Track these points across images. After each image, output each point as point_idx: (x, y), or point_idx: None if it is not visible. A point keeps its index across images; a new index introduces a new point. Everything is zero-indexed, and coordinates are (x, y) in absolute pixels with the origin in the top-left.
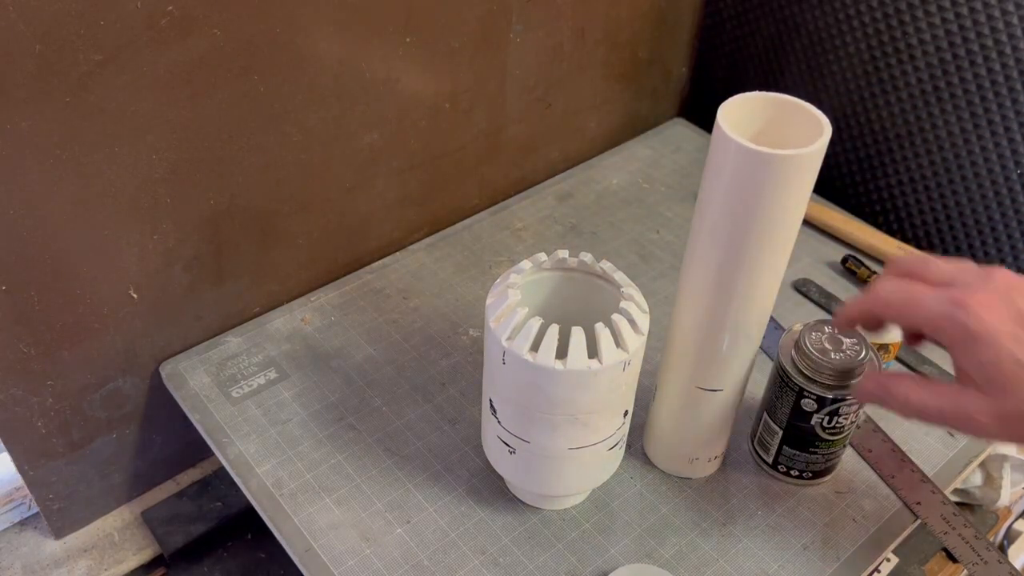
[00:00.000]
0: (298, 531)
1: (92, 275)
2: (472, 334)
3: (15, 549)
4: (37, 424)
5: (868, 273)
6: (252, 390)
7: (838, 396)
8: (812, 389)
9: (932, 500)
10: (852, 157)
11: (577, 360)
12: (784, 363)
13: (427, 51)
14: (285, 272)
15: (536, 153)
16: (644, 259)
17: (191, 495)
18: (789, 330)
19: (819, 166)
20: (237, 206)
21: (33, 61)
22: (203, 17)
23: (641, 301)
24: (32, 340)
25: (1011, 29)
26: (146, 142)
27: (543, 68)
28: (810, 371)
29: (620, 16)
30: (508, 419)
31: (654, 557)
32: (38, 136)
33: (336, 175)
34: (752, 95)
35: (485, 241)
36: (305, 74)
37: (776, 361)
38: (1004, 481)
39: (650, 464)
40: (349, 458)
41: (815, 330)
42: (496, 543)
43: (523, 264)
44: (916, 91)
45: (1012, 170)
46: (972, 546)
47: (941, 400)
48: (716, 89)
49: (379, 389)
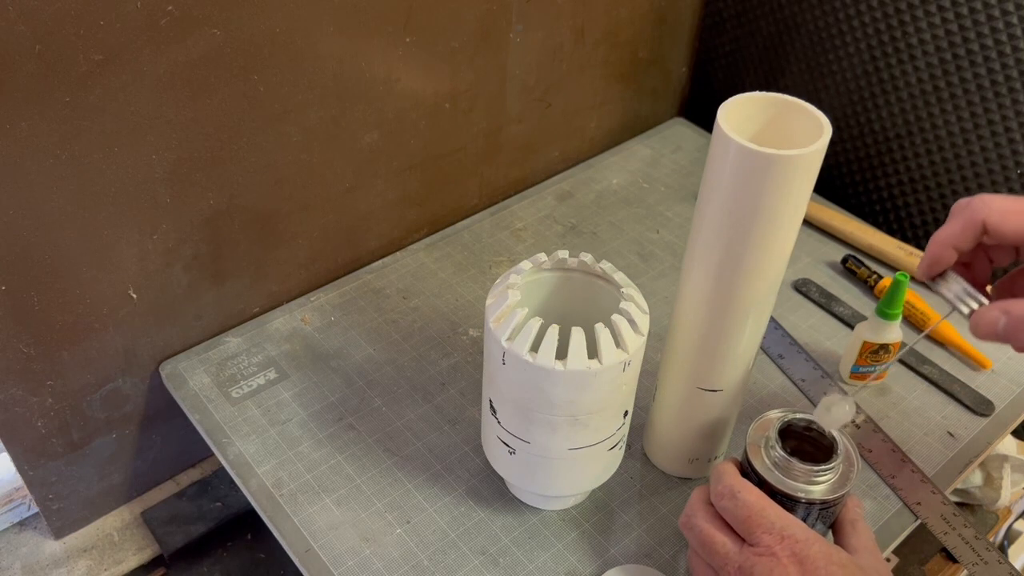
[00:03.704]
0: (298, 531)
1: (92, 275)
2: (472, 334)
3: (15, 549)
4: (37, 424)
5: (868, 273)
6: (252, 390)
7: (821, 504)
8: (784, 500)
9: (932, 500)
10: (852, 157)
11: (577, 360)
12: (753, 462)
13: (427, 51)
14: (285, 272)
15: (536, 153)
16: (644, 259)
17: (191, 495)
18: (758, 421)
19: (819, 166)
20: (237, 206)
21: (33, 61)
22: (203, 17)
23: (641, 301)
24: (32, 340)
25: (1011, 29)
26: (146, 142)
27: (543, 68)
28: (780, 485)
29: (620, 16)
30: (508, 419)
31: (654, 557)
32: (38, 136)
33: (336, 175)
34: (752, 95)
35: (485, 241)
36: (305, 74)
37: (744, 455)
38: (1004, 481)
39: (650, 464)
40: (349, 458)
41: (782, 435)
42: (496, 543)
43: (523, 264)
44: (916, 91)
45: (1012, 170)
46: (972, 546)
47: None
48: (716, 89)
49: (379, 389)
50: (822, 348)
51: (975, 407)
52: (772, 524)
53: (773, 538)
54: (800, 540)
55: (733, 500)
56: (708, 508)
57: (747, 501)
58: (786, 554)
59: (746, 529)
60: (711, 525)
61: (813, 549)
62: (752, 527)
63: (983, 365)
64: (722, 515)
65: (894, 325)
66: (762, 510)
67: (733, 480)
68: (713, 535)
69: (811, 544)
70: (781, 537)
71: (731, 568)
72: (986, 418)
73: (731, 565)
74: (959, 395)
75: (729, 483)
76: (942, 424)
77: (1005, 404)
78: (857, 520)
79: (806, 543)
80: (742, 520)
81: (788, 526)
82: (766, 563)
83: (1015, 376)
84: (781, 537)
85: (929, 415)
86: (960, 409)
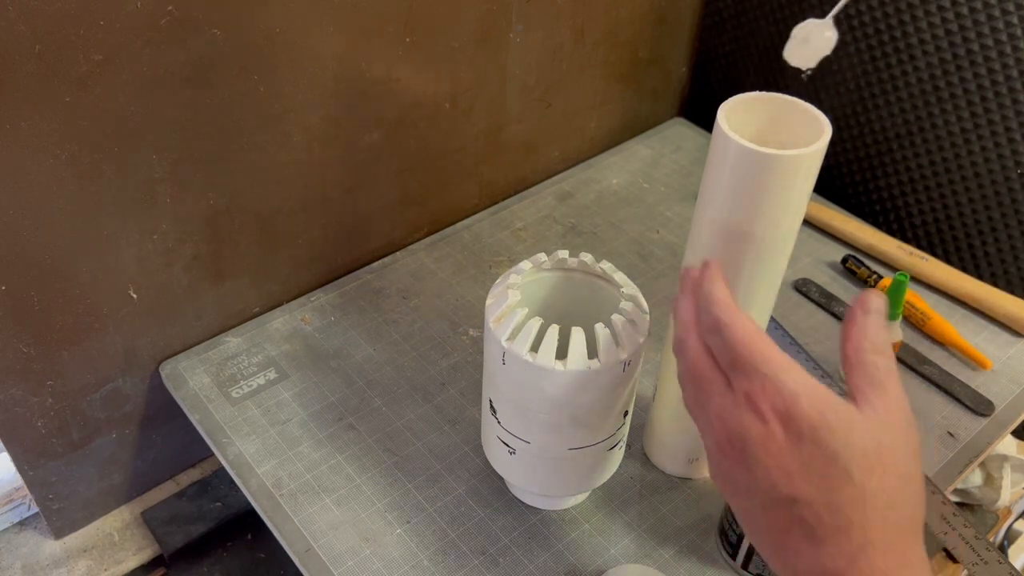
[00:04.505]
0: (298, 531)
1: (92, 275)
2: (472, 334)
3: (15, 549)
4: (37, 424)
5: (868, 273)
6: (252, 390)
7: None
8: None
9: (932, 500)
10: (852, 157)
11: (577, 360)
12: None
13: (427, 51)
14: (285, 272)
15: (536, 153)
16: (644, 259)
17: (191, 495)
18: None
19: (819, 166)
20: (237, 206)
21: (33, 61)
22: (203, 17)
23: (641, 301)
24: (32, 340)
25: (1011, 29)
26: (146, 142)
27: (543, 68)
28: None
29: (620, 16)
30: (508, 419)
31: (654, 557)
32: (38, 136)
33: (336, 175)
34: (752, 95)
35: (485, 241)
36: (305, 74)
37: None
38: (1004, 481)
39: (650, 464)
40: (349, 458)
41: None
42: (496, 543)
43: (523, 264)
44: (916, 91)
45: (1012, 170)
46: (972, 546)
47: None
48: (716, 89)
49: (379, 389)
50: (822, 348)
51: (975, 407)
52: (756, 367)
53: (755, 386)
54: (788, 392)
55: (719, 336)
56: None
57: (734, 337)
58: (768, 408)
59: (729, 367)
60: (702, 349)
61: (802, 406)
62: (736, 370)
63: (983, 365)
64: (705, 339)
65: (894, 325)
66: (750, 349)
67: (720, 311)
68: (701, 365)
69: (799, 399)
70: (763, 385)
71: (712, 411)
72: (986, 418)
73: (713, 406)
74: (959, 395)
75: (716, 315)
76: (942, 424)
77: (1005, 404)
78: (885, 382)
79: (794, 399)
80: (729, 361)
81: (777, 372)
82: (747, 419)
83: (1015, 376)
84: (763, 385)
85: (929, 415)
86: (960, 409)
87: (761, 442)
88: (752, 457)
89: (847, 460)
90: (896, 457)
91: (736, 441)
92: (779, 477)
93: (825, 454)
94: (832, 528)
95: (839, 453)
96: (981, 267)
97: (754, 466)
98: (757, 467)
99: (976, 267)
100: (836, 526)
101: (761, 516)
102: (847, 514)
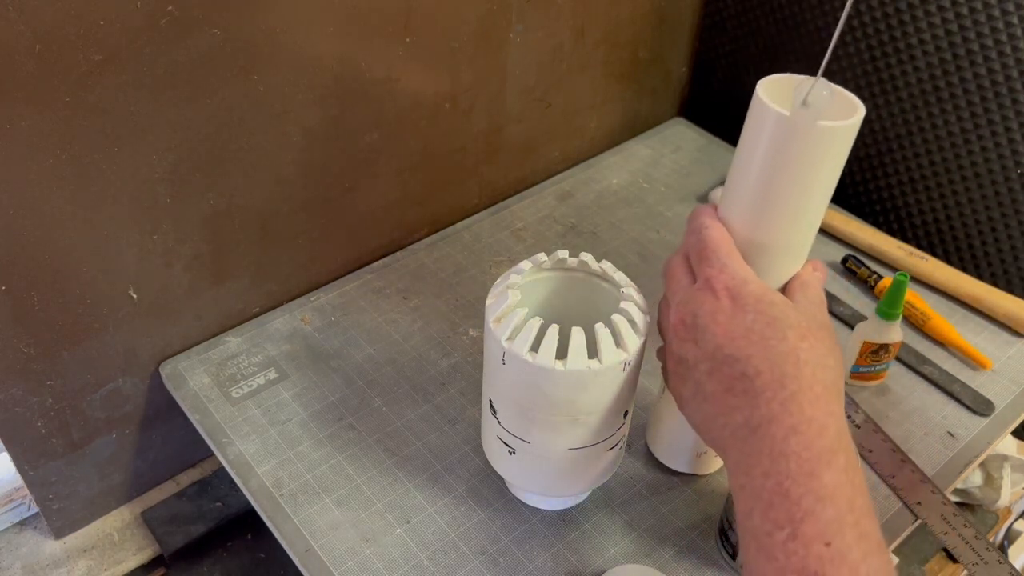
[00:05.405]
0: (298, 531)
1: (92, 275)
2: (472, 334)
3: (15, 549)
4: (37, 424)
5: (868, 273)
6: (252, 390)
7: None
8: None
9: (932, 500)
10: (852, 157)
11: (577, 360)
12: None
13: (427, 51)
14: (285, 272)
15: (536, 153)
16: (644, 259)
17: (191, 495)
18: None
19: (852, 142)
20: (237, 206)
21: (33, 61)
22: (203, 17)
23: (641, 301)
24: (32, 340)
25: (1011, 29)
26: (146, 142)
27: (543, 68)
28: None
29: (620, 16)
30: (508, 419)
31: (654, 557)
32: (38, 136)
33: (336, 175)
34: (787, 76)
35: (485, 241)
36: (305, 74)
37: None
38: (1004, 481)
39: (651, 465)
40: (349, 458)
41: None
42: (496, 543)
43: (523, 264)
44: (916, 91)
45: (1012, 170)
46: (972, 546)
47: None
48: (716, 89)
49: (379, 389)
50: None
51: (975, 407)
52: (718, 258)
53: (714, 270)
54: (738, 277)
55: (698, 235)
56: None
57: (708, 236)
58: (721, 287)
59: (697, 263)
60: (679, 262)
61: (750, 287)
62: (701, 261)
63: (983, 365)
64: (688, 253)
65: (894, 325)
66: (717, 247)
67: (705, 217)
68: (675, 271)
69: (748, 283)
70: (720, 270)
71: (676, 301)
72: (986, 418)
73: (677, 298)
74: (959, 395)
75: (701, 219)
76: (942, 424)
77: (1005, 404)
78: (810, 283)
79: (743, 282)
80: (697, 254)
81: (735, 264)
82: (702, 296)
83: (1015, 376)
84: (720, 270)
85: (929, 415)
86: (960, 409)
87: (711, 314)
88: (702, 328)
89: (784, 326)
90: (822, 335)
91: (689, 318)
92: (724, 340)
93: (766, 319)
94: (768, 379)
95: (778, 319)
96: (981, 267)
97: (702, 336)
98: (706, 335)
99: (976, 267)
100: (772, 377)
101: (707, 382)
102: (781, 367)
